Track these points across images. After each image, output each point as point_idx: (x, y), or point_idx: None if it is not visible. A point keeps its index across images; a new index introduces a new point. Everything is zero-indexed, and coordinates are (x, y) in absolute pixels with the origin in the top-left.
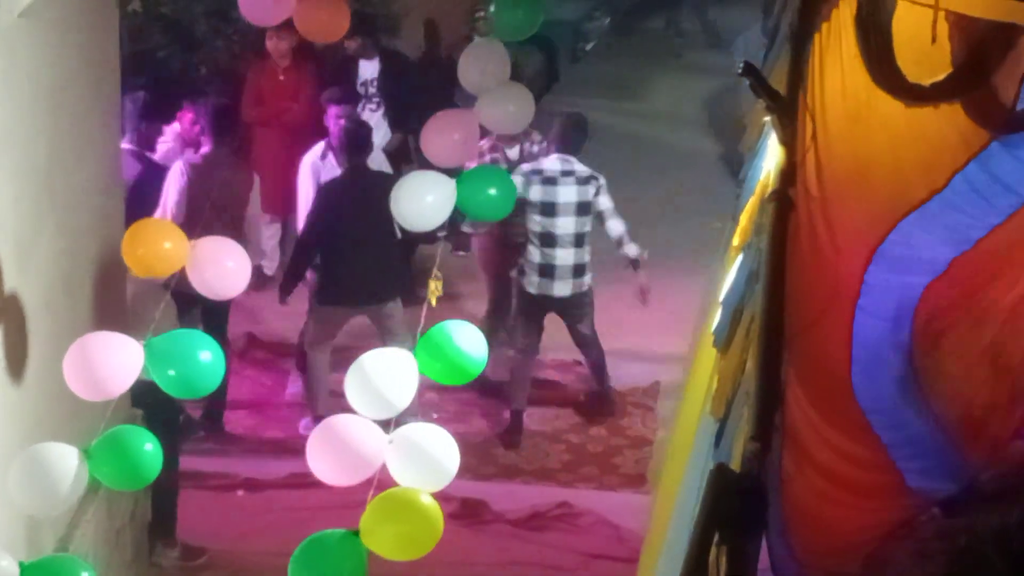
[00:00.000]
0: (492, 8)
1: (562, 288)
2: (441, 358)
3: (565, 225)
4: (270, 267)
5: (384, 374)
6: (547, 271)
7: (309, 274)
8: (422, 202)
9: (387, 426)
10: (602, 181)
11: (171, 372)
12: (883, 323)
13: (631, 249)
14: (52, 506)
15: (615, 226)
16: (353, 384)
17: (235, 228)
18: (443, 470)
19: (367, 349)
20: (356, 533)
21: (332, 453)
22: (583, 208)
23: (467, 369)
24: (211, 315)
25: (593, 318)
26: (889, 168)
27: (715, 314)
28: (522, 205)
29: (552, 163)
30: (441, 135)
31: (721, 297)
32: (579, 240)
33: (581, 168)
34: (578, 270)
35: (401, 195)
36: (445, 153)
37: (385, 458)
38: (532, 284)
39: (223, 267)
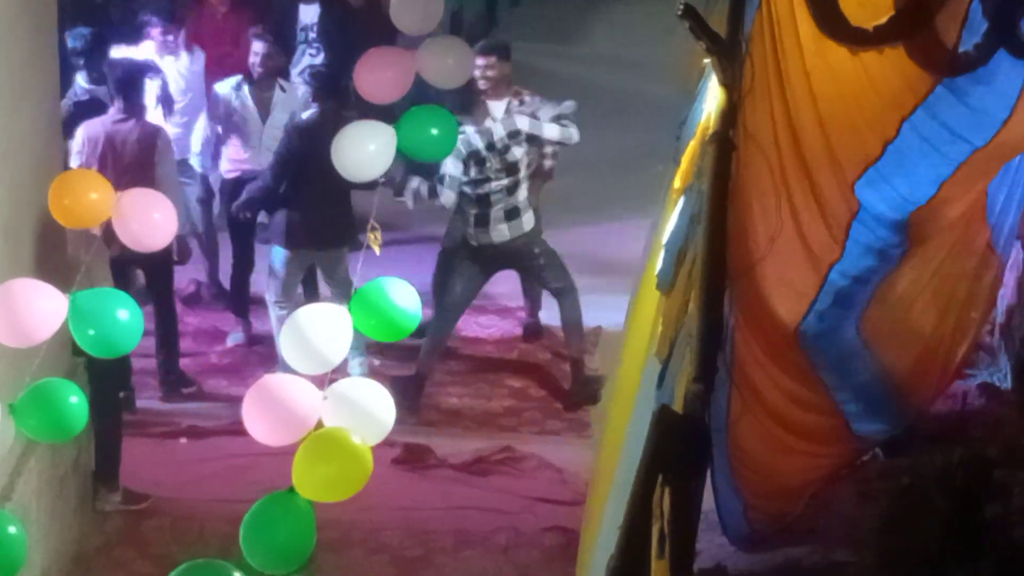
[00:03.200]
0: None
1: (499, 232)
2: (376, 314)
3: (497, 185)
4: None
5: (319, 330)
6: (483, 220)
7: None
8: (364, 151)
9: (322, 381)
10: (524, 127)
11: (91, 332)
12: (856, 285)
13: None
14: None
15: (551, 132)
16: (288, 340)
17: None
18: (379, 423)
19: None
20: (292, 490)
21: (267, 413)
22: (511, 169)
23: (401, 326)
24: (149, 274)
25: (562, 269)
26: (844, 124)
27: (658, 257)
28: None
29: (475, 140)
30: (374, 72)
31: (664, 240)
32: (509, 191)
33: (499, 134)
34: (511, 213)
35: (342, 146)
36: (378, 90)
37: (321, 415)
38: (471, 237)
39: (149, 219)
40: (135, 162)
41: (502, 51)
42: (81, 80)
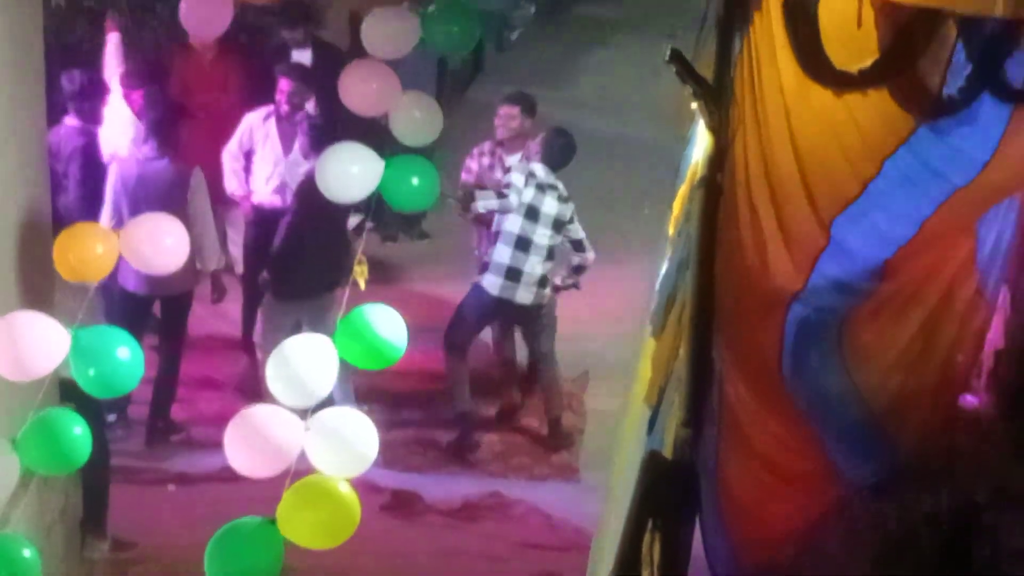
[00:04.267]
0: (424, 22)
1: (525, 295)
2: (360, 342)
3: (542, 235)
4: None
5: (305, 362)
6: (514, 275)
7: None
8: (347, 172)
9: (304, 414)
10: (573, 207)
11: (91, 371)
12: (819, 314)
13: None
14: None
15: (587, 256)
16: (274, 372)
17: None
18: (361, 455)
19: None
20: (272, 521)
21: (249, 445)
22: (559, 225)
23: (386, 354)
24: (170, 314)
25: (554, 335)
26: (823, 162)
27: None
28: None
29: (540, 171)
30: (358, 84)
31: (656, 285)
32: (550, 253)
33: (562, 188)
34: (542, 281)
35: (327, 165)
36: (363, 102)
37: (304, 445)
38: (494, 286)
39: (160, 243)
40: (168, 201)
41: (528, 105)
42: (70, 120)
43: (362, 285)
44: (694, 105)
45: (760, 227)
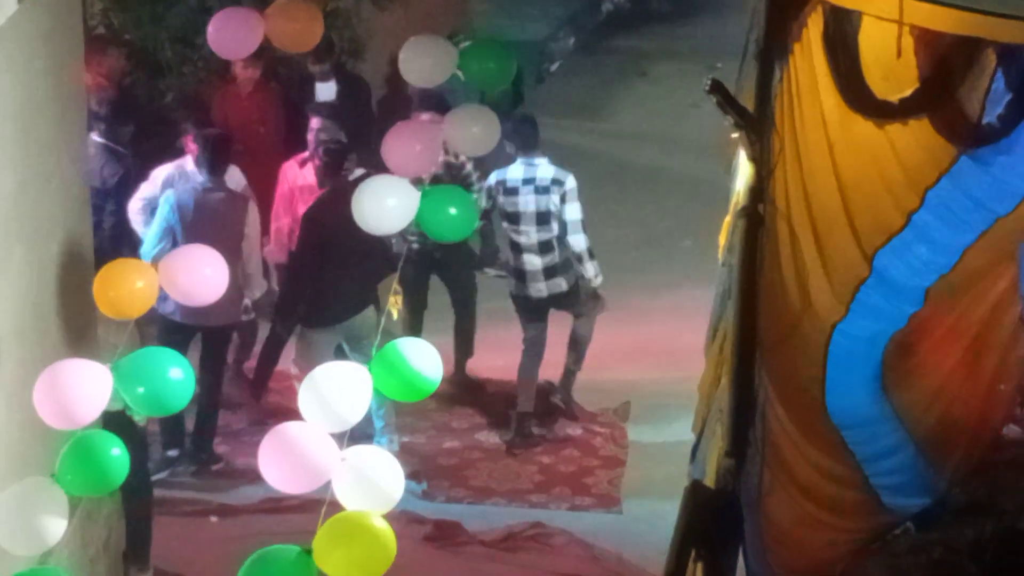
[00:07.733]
0: (461, 59)
1: (537, 290)
2: (395, 375)
3: (528, 233)
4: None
5: (337, 388)
6: (520, 275)
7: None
8: (383, 205)
9: (342, 440)
10: (569, 186)
11: (140, 390)
12: (860, 343)
13: (589, 269)
14: (40, 546)
15: (576, 241)
16: (306, 397)
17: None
18: (385, 496)
19: None
20: (309, 552)
21: (283, 458)
22: (543, 217)
23: (421, 387)
24: (211, 346)
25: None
26: (867, 194)
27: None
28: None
29: (516, 170)
30: (402, 145)
31: (708, 317)
32: (544, 248)
33: (543, 175)
34: (549, 272)
35: (363, 198)
36: (406, 163)
37: (335, 475)
38: (512, 286)
39: (199, 273)
40: (226, 230)
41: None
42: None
43: (395, 315)
44: (735, 135)
45: (801, 257)
